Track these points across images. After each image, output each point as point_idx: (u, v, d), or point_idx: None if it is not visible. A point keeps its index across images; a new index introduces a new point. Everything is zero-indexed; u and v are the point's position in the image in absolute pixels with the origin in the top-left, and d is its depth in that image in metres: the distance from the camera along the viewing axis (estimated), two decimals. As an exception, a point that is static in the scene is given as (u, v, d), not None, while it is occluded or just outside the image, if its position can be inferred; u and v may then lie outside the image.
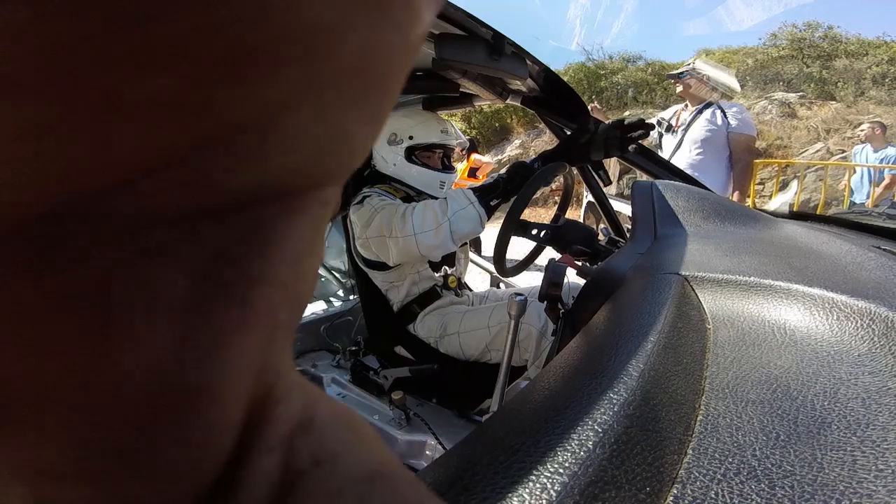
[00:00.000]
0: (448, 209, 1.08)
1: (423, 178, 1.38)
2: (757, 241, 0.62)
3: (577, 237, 0.99)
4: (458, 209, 1.08)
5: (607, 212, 1.40)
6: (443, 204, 1.10)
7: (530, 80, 1.20)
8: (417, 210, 1.13)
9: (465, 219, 1.07)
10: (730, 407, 0.29)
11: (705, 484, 0.23)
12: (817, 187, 4.97)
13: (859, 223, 0.78)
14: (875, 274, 0.43)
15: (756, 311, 0.40)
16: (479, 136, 8.83)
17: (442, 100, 1.53)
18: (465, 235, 1.11)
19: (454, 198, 1.10)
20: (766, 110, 7.07)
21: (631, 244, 0.72)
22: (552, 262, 0.72)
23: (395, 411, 1.24)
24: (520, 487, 0.23)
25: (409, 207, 1.16)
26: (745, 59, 8.53)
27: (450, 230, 1.07)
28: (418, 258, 1.24)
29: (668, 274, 0.48)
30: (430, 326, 1.34)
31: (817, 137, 6.39)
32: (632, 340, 0.35)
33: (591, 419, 0.27)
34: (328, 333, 1.72)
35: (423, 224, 1.10)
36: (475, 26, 0.91)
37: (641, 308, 0.42)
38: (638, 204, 0.82)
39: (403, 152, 1.36)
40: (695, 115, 2.24)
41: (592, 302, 0.57)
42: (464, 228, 1.08)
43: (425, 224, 1.10)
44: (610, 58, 9.93)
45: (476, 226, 1.09)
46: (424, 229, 1.10)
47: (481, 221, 1.09)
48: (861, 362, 0.31)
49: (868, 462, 0.23)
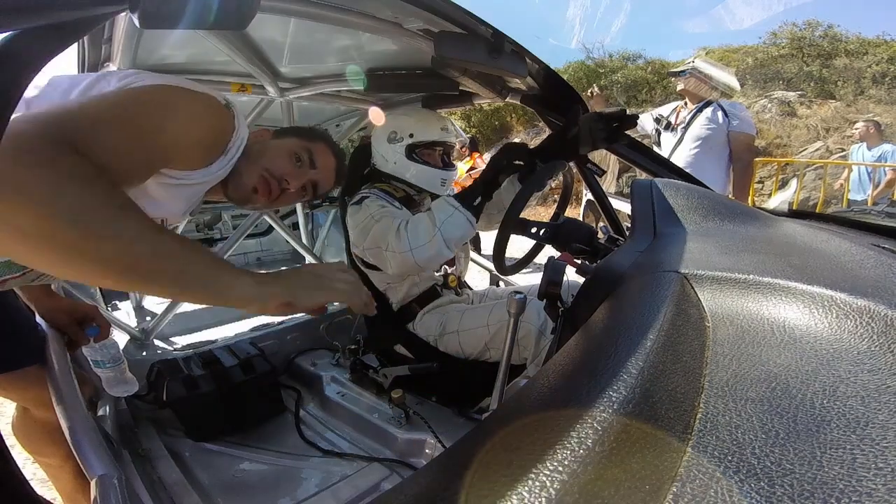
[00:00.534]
0: (436, 219, 1.09)
1: (423, 176, 1.38)
2: (756, 239, 0.62)
3: (576, 235, 0.99)
4: (446, 217, 1.09)
5: (607, 210, 1.40)
6: (431, 216, 1.11)
7: (530, 78, 1.20)
8: (410, 225, 1.14)
9: (454, 225, 1.09)
10: (729, 405, 0.29)
11: (705, 482, 0.23)
12: (817, 186, 4.97)
13: (858, 221, 0.78)
14: (874, 272, 0.43)
15: (755, 309, 0.40)
16: (478, 134, 8.82)
17: (441, 98, 1.52)
18: (459, 240, 1.13)
19: (439, 207, 1.11)
20: (765, 109, 7.07)
21: (630, 242, 0.72)
22: (551, 261, 0.72)
23: (394, 410, 1.24)
24: (519, 485, 0.23)
25: (402, 222, 1.16)
26: (745, 58, 8.53)
27: (442, 239, 1.09)
28: (416, 271, 1.25)
29: (668, 272, 0.48)
30: (429, 325, 1.34)
31: (817, 136, 6.39)
32: (631, 338, 0.35)
33: (590, 417, 0.27)
34: (327, 332, 1.72)
35: (416, 239, 1.12)
36: (475, 24, 0.91)
37: (641, 306, 0.42)
38: (637, 202, 0.82)
39: (404, 150, 1.36)
40: (694, 114, 2.24)
41: (592, 300, 0.57)
42: (455, 234, 1.10)
43: (419, 238, 1.11)
44: (610, 56, 9.93)
45: (467, 229, 1.11)
46: (419, 244, 1.11)
47: (471, 224, 1.11)
48: (860, 360, 0.31)
49: (868, 460, 0.23)
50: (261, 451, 1.26)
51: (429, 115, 1.41)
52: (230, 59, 1.14)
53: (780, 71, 7.92)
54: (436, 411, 1.28)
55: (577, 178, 1.29)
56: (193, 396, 1.27)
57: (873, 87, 7.07)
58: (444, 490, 0.24)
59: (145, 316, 1.73)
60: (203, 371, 1.34)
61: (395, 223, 1.17)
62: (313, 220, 2.43)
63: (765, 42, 8.97)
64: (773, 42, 8.76)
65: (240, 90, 1.36)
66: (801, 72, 7.74)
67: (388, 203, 1.30)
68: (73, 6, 0.41)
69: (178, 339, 1.70)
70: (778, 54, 8.33)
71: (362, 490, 1.08)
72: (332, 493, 1.08)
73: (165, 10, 0.48)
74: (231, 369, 1.37)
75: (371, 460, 1.18)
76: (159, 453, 1.17)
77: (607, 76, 9.01)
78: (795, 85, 7.59)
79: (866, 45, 7.92)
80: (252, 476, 1.17)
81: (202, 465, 1.18)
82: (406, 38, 0.97)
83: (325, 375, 1.51)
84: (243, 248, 2.61)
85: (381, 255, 1.19)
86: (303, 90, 1.43)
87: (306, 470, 1.19)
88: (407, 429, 1.21)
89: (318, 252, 2.25)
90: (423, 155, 1.38)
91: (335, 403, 1.41)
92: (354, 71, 1.32)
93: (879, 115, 6.05)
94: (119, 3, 0.46)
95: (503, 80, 1.28)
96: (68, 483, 1.03)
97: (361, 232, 1.26)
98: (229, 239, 1.67)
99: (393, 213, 1.24)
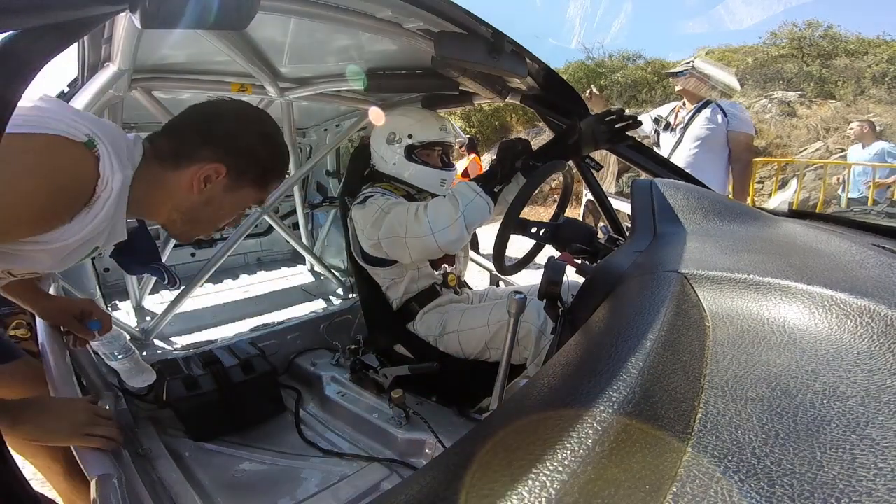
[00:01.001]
0: (459, 204, 1.11)
1: (422, 176, 1.38)
2: (756, 239, 0.62)
3: (576, 235, 0.99)
4: (468, 202, 1.11)
5: (607, 210, 1.40)
6: (452, 199, 1.13)
7: (530, 78, 1.20)
8: (430, 209, 1.15)
9: (475, 209, 1.12)
10: (729, 405, 0.29)
11: (705, 482, 0.23)
12: (817, 186, 4.97)
13: (859, 221, 0.78)
14: (874, 272, 0.43)
15: (755, 309, 0.40)
16: (478, 134, 8.82)
17: (441, 98, 1.52)
18: (477, 224, 1.16)
19: (462, 192, 1.13)
20: (765, 109, 7.07)
21: (630, 242, 0.72)
22: (552, 261, 0.72)
23: (394, 410, 1.24)
24: (519, 485, 0.22)
25: (420, 207, 1.17)
26: (745, 58, 8.53)
27: (464, 223, 1.11)
28: (437, 255, 1.25)
29: (668, 272, 0.48)
30: (429, 325, 1.34)
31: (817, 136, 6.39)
32: (631, 338, 0.35)
33: (590, 417, 0.27)
34: (327, 332, 1.72)
35: (438, 222, 1.13)
36: (475, 24, 0.91)
37: (641, 306, 0.42)
38: (637, 202, 0.82)
39: (403, 151, 1.36)
40: (694, 114, 2.24)
41: (592, 300, 0.57)
42: (476, 218, 1.13)
43: (441, 221, 1.12)
44: (609, 56, 9.92)
45: (485, 213, 1.14)
46: (441, 227, 1.12)
47: (490, 209, 1.14)
48: (860, 360, 0.31)
49: (868, 460, 0.23)
50: (261, 451, 1.26)
51: (427, 116, 1.41)
52: (230, 59, 1.14)
53: (780, 71, 7.92)
54: (436, 411, 1.28)
55: (577, 178, 1.29)
56: (193, 396, 1.27)
57: (873, 87, 7.07)
58: (444, 490, 0.24)
59: (145, 316, 1.72)
60: (203, 371, 1.34)
61: (411, 209, 1.18)
62: (313, 220, 2.42)
63: (765, 42, 8.97)
64: (773, 42, 8.76)
65: (240, 90, 1.36)
66: (801, 72, 7.74)
67: (392, 198, 1.30)
68: (73, 6, 0.41)
69: (178, 339, 1.70)
70: (778, 54, 8.33)
71: (362, 490, 1.08)
72: (332, 493, 1.08)
73: (165, 10, 0.48)
74: (231, 369, 1.37)
75: (371, 460, 1.18)
76: (159, 453, 1.17)
77: (607, 76, 9.01)
78: (795, 85, 7.59)
79: (866, 45, 7.92)
80: (252, 476, 1.17)
81: (202, 465, 1.18)
82: (406, 38, 0.97)
83: (325, 375, 1.51)
84: (243, 248, 2.61)
85: (400, 242, 1.20)
86: (303, 90, 1.43)
87: (306, 470, 1.19)
88: (407, 429, 1.21)
89: (318, 252, 2.25)
90: (422, 155, 1.38)
91: (335, 403, 1.41)
92: (354, 71, 1.32)
93: (879, 115, 6.06)
94: (119, 3, 0.46)
95: (503, 80, 1.28)
96: (60, 483, 1.03)
97: (374, 225, 1.26)
98: (229, 239, 1.67)
99: (405, 203, 1.25)
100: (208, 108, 0.72)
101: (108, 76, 0.97)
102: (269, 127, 0.74)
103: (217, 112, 0.71)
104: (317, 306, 2.03)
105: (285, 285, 2.18)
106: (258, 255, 2.67)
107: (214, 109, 0.72)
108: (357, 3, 0.86)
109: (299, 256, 2.55)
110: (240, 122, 0.70)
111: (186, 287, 1.58)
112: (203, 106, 0.72)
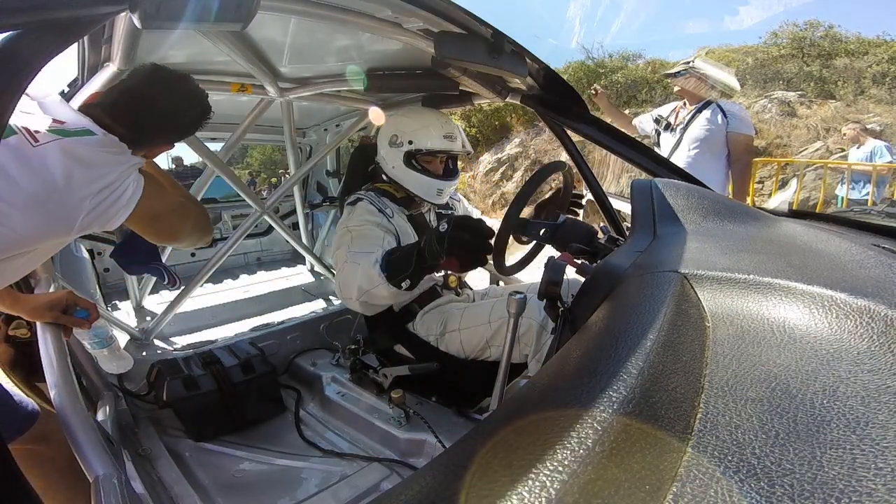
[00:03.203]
0: (366, 282, 1.09)
1: (418, 184, 1.35)
2: (756, 239, 0.62)
3: (576, 235, 0.99)
4: (370, 288, 1.09)
5: (607, 210, 1.40)
6: (363, 277, 1.09)
7: (530, 78, 1.20)
8: (354, 271, 1.13)
9: (377, 296, 1.10)
10: (729, 405, 0.29)
11: (705, 482, 0.23)
12: (817, 186, 4.97)
13: (859, 221, 0.78)
14: (874, 272, 0.43)
15: (755, 309, 0.40)
16: (478, 134, 8.82)
17: (441, 98, 1.52)
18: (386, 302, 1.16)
19: (367, 276, 1.08)
20: (765, 109, 7.07)
21: (630, 242, 0.71)
22: (552, 261, 0.72)
23: (394, 410, 1.24)
24: (519, 485, 0.22)
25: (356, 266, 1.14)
26: (745, 58, 8.52)
27: (367, 301, 1.12)
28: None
29: (668, 272, 0.48)
30: (429, 324, 1.34)
31: (817, 136, 6.39)
32: (631, 338, 0.35)
33: (590, 417, 0.27)
34: (327, 332, 1.72)
35: (349, 289, 1.14)
36: (475, 24, 0.91)
37: (641, 306, 0.42)
38: (637, 202, 0.82)
39: (402, 156, 1.34)
40: (694, 114, 2.24)
41: (592, 300, 0.57)
42: (379, 301, 1.13)
43: (349, 290, 1.14)
44: (610, 56, 9.90)
45: (391, 300, 1.14)
46: (348, 295, 1.14)
47: (395, 296, 1.09)
48: (860, 360, 0.31)
49: (868, 460, 0.23)
50: (261, 451, 1.27)
51: (432, 122, 1.35)
52: (230, 59, 1.14)
53: (780, 71, 7.91)
54: (436, 411, 1.28)
55: (577, 179, 1.29)
56: (193, 396, 1.27)
57: (873, 87, 7.06)
58: (444, 490, 0.24)
59: (145, 316, 1.73)
60: (203, 371, 1.34)
61: (356, 259, 1.15)
62: (313, 220, 2.43)
63: (765, 42, 8.95)
64: (774, 42, 8.75)
65: (240, 90, 1.36)
66: (801, 72, 7.73)
67: (375, 214, 1.28)
68: (73, 6, 0.41)
69: (178, 339, 1.70)
70: (778, 54, 8.32)
71: (362, 490, 1.08)
72: (332, 493, 1.08)
73: (165, 10, 0.48)
74: (231, 369, 1.37)
75: (371, 460, 1.18)
76: (159, 453, 1.17)
77: (607, 76, 8.99)
78: (795, 85, 7.58)
79: (866, 45, 7.91)
80: (252, 476, 1.17)
81: (202, 465, 1.18)
82: (406, 38, 0.97)
83: (325, 375, 1.51)
84: (243, 248, 2.62)
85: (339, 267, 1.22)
86: (303, 90, 1.43)
87: (306, 470, 1.19)
88: (407, 429, 1.21)
89: (318, 252, 2.25)
90: (423, 161, 1.35)
91: (335, 403, 1.41)
92: (354, 71, 1.32)
93: (879, 114, 6.05)
94: (119, 3, 0.46)
95: (503, 80, 1.28)
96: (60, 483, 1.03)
97: (339, 238, 1.28)
98: (229, 239, 1.67)
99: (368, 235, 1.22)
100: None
101: (108, 76, 0.97)
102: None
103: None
104: (317, 306, 2.04)
105: (285, 285, 2.18)
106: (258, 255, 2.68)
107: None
108: (357, 3, 0.86)
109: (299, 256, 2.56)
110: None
111: (186, 287, 1.58)
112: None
